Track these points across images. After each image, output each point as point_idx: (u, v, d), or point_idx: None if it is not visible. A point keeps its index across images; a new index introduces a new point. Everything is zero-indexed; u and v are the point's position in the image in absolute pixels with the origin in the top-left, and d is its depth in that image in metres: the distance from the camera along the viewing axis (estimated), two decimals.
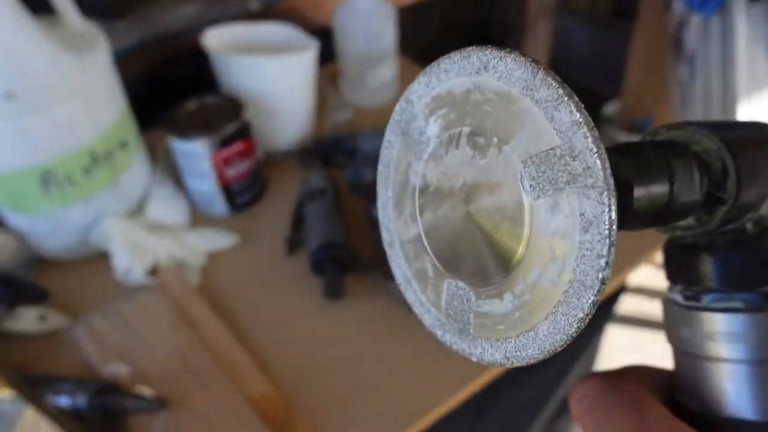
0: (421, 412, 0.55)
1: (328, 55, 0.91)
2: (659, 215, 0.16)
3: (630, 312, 1.55)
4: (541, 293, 0.14)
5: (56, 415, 0.50)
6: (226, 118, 0.69)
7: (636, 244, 0.68)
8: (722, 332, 0.17)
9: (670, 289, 0.19)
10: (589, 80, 2.07)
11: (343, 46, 0.87)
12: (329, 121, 0.87)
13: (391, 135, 0.18)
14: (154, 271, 0.66)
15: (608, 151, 0.14)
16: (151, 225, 0.69)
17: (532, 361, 0.15)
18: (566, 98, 0.13)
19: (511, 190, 0.14)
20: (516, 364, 0.15)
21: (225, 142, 0.68)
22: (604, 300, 0.67)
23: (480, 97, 0.15)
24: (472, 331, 0.16)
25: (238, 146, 0.69)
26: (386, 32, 0.85)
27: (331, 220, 0.67)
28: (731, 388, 0.17)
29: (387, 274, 0.63)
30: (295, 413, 0.54)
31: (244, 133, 0.69)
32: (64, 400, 0.51)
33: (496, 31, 1.95)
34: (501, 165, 0.14)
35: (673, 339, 0.19)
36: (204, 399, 0.52)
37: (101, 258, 0.68)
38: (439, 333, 0.17)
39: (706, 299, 0.18)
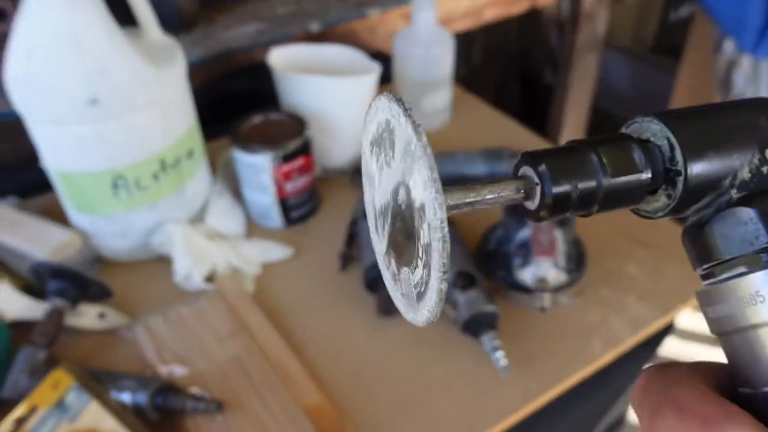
0: None
1: (382, 79, 0.93)
2: (600, 199, 0.19)
3: (675, 355, 1.52)
4: (427, 250, 0.17)
5: (119, 410, 0.51)
6: (289, 134, 0.71)
7: (680, 286, 0.68)
8: (744, 296, 0.18)
9: (703, 278, 0.20)
10: (631, 115, 2.07)
11: (402, 70, 0.89)
12: None
13: (364, 183, 0.22)
14: (211, 278, 0.68)
15: (540, 153, 0.19)
16: (209, 233, 0.71)
17: (435, 306, 0.18)
18: (404, 109, 0.17)
19: (403, 185, 0.18)
20: (434, 314, 0.18)
21: (287, 158, 0.70)
22: (648, 339, 0.67)
23: (381, 131, 0.19)
24: (414, 303, 0.19)
25: (298, 162, 0.71)
26: (444, 59, 0.87)
27: None
28: None
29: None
30: (346, 425, 0.55)
31: (305, 149, 0.72)
32: (125, 396, 0.53)
33: (537, 63, 1.96)
34: (396, 170, 0.19)
35: (713, 325, 0.19)
36: (260, 405, 0.54)
37: (159, 262, 0.70)
38: (405, 313, 0.20)
39: (718, 272, 0.19)
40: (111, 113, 0.59)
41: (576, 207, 0.19)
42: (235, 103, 0.95)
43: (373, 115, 0.20)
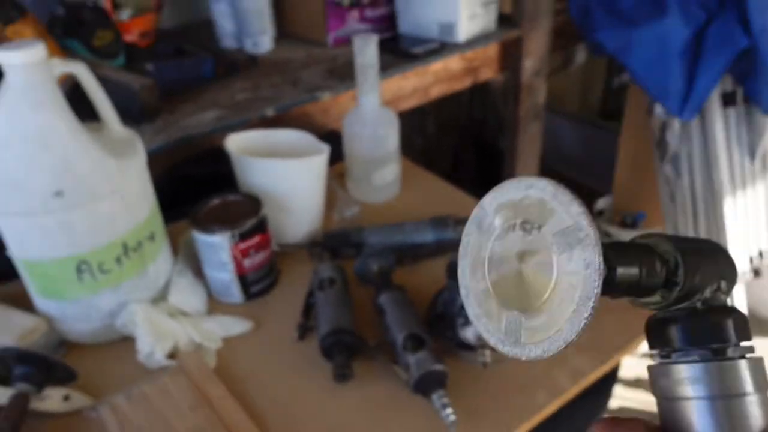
0: None
1: (335, 156, 1.00)
2: (633, 289, 0.26)
3: (633, 405, 1.56)
4: (563, 307, 0.23)
5: None
6: (245, 213, 0.76)
7: (616, 336, 0.73)
8: (686, 377, 0.25)
9: (651, 356, 0.28)
10: (581, 177, 2.18)
11: (351, 148, 0.95)
12: (337, 216, 0.94)
13: (470, 228, 0.28)
14: (173, 355, 0.71)
15: (603, 243, 0.24)
16: (172, 311, 0.75)
17: (560, 350, 0.24)
18: (575, 200, 0.23)
19: (546, 253, 0.24)
20: (550, 354, 0.24)
21: (244, 236, 0.74)
22: (591, 388, 0.71)
23: (528, 202, 0.25)
24: (522, 340, 0.25)
25: (255, 239, 0.76)
26: (390, 136, 0.94)
27: (340, 307, 0.72)
28: (697, 419, 0.25)
29: (392, 358, 0.68)
30: None
31: (261, 227, 0.76)
32: None
33: (490, 130, 2.07)
34: (540, 239, 0.25)
35: (656, 391, 0.27)
36: None
37: (123, 342, 0.73)
38: (500, 346, 0.26)
39: (674, 356, 0.26)
40: (75, 203, 0.63)
41: (623, 291, 0.26)
42: (196, 186, 1.00)
43: (519, 185, 0.25)
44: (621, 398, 1.57)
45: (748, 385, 0.25)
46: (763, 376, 0.25)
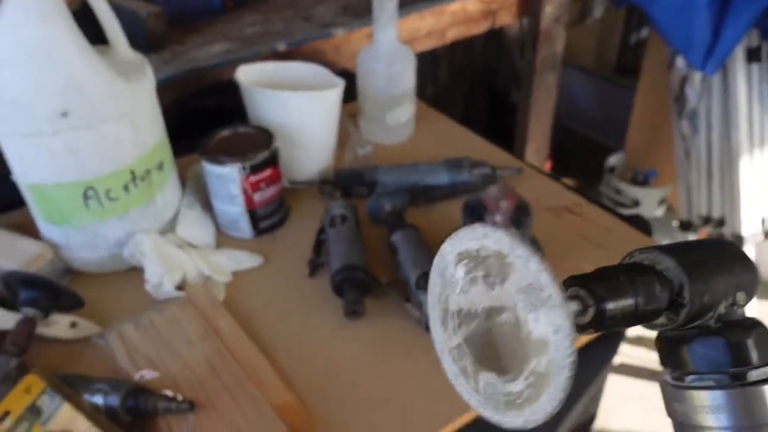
0: (433, 427, 0.57)
1: (348, 96, 0.97)
2: (631, 319, 0.23)
3: (634, 362, 1.56)
4: (538, 375, 0.21)
5: (92, 412, 0.52)
6: (257, 146, 0.73)
7: None
8: (704, 406, 0.23)
9: (664, 371, 0.25)
10: (594, 132, 2.14)
11: (365, 86, 0.92)
12: (349, 155, 0.91)
13: (434, 277, 0.26)
14: (182, 286, 0.69)
15: (587, 276, 0.23)
16: (180, 243, 0.73)
17: (540, 422, 0.22)
18: (533, 256, 0.21)
19: (512, 311, 0.22)
20: (530, 426, 0.22)
21: (255, 168, 0.72)
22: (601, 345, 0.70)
23: (485, 253, 0.23)
24: (501, 407, 0.23)
25: (266, 173, 0.73)
26: (406, 74, 0.91)
27: (352, 244, 0.70)
28: None
29: (405, 296, 0.66)
30: (316, 423, 0.56)
31: (273, 160, 0.74)
32: (98, 399, 0.54)
33: (503, 81, 2.02)
34: (505, 295, 0.22)
35: (670, 412, 0.24)
36: (230, 404, 0.55)
37: (130, 272, 0.72)
38: (481, 410, 0.24)
39: (687, 380, 0.24)
40: (82, 125, 0.61)
41: (616, 324, 0.23)
42: (204, 120, 0.97)
43: (474, 234, 0.23)
44: (622, 354, 1.57)
45: None
46: None
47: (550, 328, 0.20)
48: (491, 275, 0.22)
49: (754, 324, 0.23)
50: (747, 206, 1.46)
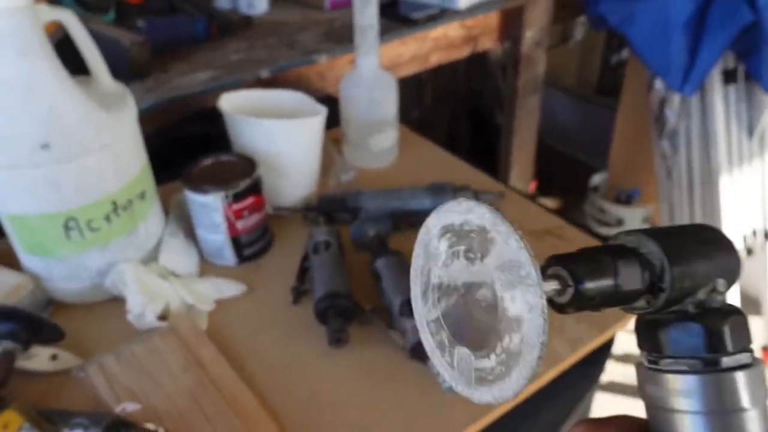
0: None
1: (331, 122, 0.97)
2: (610, 300, 0.24)
3: (621, 380, 1.57)
4: (510, 352, 0.22)
5: None
6: (239, 174, 0.73)
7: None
8: (676, 389, 0.23)
9: (641, 354, 0.25)
10: (577, 152, 2.17)
11: (348, 111, 0.93)
12: (333, 181, 0.92)
13: (418, 249, 0.26)
14: (164, 316, 0.69)
15: (568, 256, 0.23)
16: (163, 272, 0.73)
17: (509, 399, 0.22)
18: (514, 232, 0.21)
19: (490, 287, 0.22)
20: (501, 402, 0.22)
21: (238, 197, 0.72)
22: (588, 357, 0.71)
23: (468, 228, 0.23)
24: (473, 382, 0.23)
25: (249, 201, 0.74)
26: (388, 100, 0.92)
27: (335, 271, 0.70)
28: None
29: (388, 323, 0.66)
30: None
31: (255, 188, 0.74)
32: None
33: (487, 102, 2.04)
34: (484, 271, 0.22)
35: (644, 395, 0.25)
36: None
37: (112, 302, 0.71)
38: (453, 383, 0.24)
39: (662, 363, 0.24)
40: (63, 157, 0.61)
41: (594, 306, 0.24)
42: (188, 148, 0.97)
43: (460, 209, 0.23)
44: (610, 372, 1.58)
45: (745, 399, 0.23)
46: (763, 388, 0.23)
47: (525, 306, 0.21)
48: (473, 250, 0.23)
49: (730, 311, 0.24)
50: (728, 223, 1.48)
